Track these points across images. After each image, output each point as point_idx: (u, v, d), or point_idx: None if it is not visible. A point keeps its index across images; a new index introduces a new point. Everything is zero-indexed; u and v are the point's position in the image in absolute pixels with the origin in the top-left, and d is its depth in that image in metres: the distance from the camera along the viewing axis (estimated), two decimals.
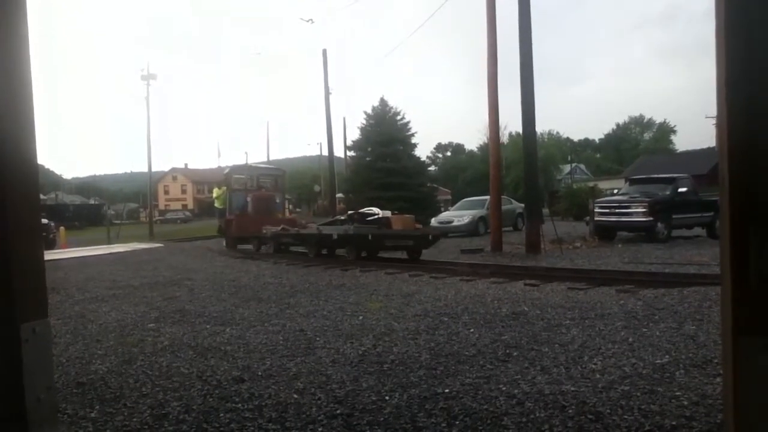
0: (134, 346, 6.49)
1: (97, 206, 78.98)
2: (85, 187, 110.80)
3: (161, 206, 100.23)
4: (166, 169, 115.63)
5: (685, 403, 4.05)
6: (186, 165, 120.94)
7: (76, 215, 68.80)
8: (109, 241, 32.58)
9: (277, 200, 24.87)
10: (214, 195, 25.49)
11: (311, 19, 44.10)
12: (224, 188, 24.71)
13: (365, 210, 17.81)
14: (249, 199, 23.18)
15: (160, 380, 5.11)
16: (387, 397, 4.44)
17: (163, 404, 4.46)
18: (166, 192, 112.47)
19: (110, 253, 22.86)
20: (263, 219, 21.42)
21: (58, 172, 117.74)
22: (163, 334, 7.04)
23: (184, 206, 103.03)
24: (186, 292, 10.74)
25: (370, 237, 15.16)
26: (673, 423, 3.69)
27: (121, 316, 8.34)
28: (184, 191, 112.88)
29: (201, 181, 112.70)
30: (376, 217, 16.78)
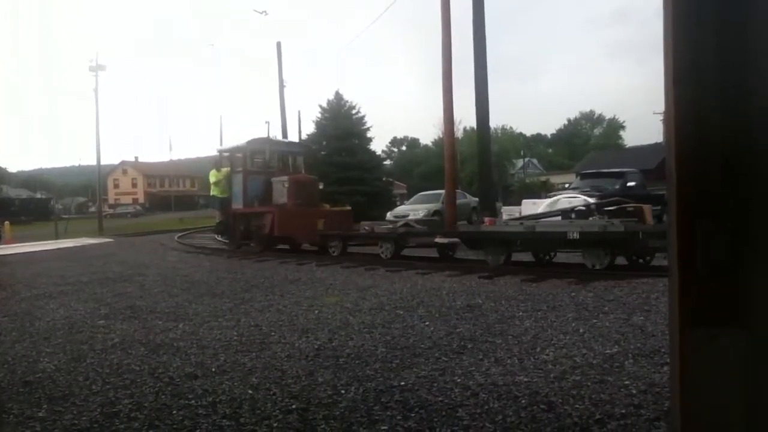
0: (83, 343, 6.35)
1: (44, 200, 76.71)
2: (32, 180, 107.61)
3: (111, 200, 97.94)
4: (116, 162, 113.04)
5: (634, 391, 4.16)
6: (136, 158, 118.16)
7: (22, 209, 66.73)
8: (57, 236, 31.69)
9: (321, 186, 18.98)
10: (212, 180, 18.50)
11: (265, 11, 43.58)
12: (225, 170, 18.37)
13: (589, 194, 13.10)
14: (286, 185, 16.87)
15: (111, 378, 5.01)
16: (343, 391, 4.44)
17: (113, 402, 4.38)
18: (116, 186, 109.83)
19: (58, 249, 22.29)
20: (313, 213, 16.69)
21: (2, 165, 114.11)
22: (114, 331, 6.90)
23: (135, 200, 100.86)
24: (137, 287, 10.54)
25: (641, 236, 10.18)
26: (623, 411, 3.79)
27: (69, 313, 8.14)
28: (134, 185, 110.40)
29: (152, 174, 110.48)
30: (622, 206, 12.26)
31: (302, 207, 16.63)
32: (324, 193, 38.54)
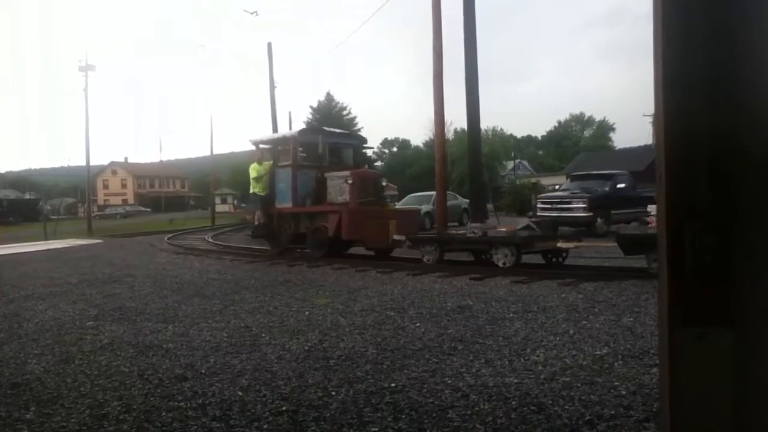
0: (72, 344, 6.31)
1: (32, 201, 76.17)
2: (20, 181, 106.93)
3: (100, 201, 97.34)
4: (105, 162, 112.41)
5: (624, 392, 4.17)
6: (126, 159, 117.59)
7: (11, 210, 66.35)
8: (45, 237, 31.47)
9: (385, 183, 16.32)
10: (253, 175, 15.74)
11: (256, 12, 43.52)
12: (268, 164, 15.79)
13: None
14: (349, 181, 14.42)
15: (100, 379, 4.98)
16: (333, 393, 4.43)
17: (102, 404, 4.35)
18: (106, 186, 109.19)
19: (47, 250, 22.12)
20: (384, 213, 14.81)
21: None
22: (103, 333, 6.86)
23: (125, 201, 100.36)
24: (126, 289, 10.49)
25: None
26: (612, 412, 3.80)
27: (58, 315, 8.09)
28: (124, 186, 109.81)
29: (142, 175, 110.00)
30: None
31: (372, 207, 14.64)
32: None
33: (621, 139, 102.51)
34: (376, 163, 58.01)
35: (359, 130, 43.02)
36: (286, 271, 12.34)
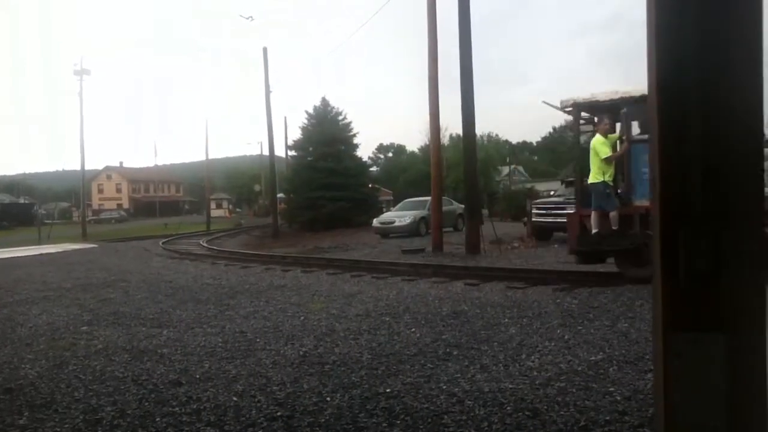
0: (66, 349, 6.29)
1: (27, 205, 76.01)
2: (15, 185, 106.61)
3: (95, 206, 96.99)
4: (100, 167, 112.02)
5: (618, 398, 4.18)
6: (121, 163, 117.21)
7: (5, 215, 66.15)
8: (39, 242, 31.41)
9: None
10: (603, 152, 9.55)
11: (251, 17, 43.59)
12: (614, 137, 10.05)
13: None
14: None
15: (94, 384, 4.96)
16: (328, 398, 4.42)
17: (96, 409, 4.34)
18: (100, 191, 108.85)
19: (41, 254, 22.06)
20: None
21: None
22: (97, 337, 6.84)
23: (119, 206, 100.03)
24: (121, 293, 10.46)
25: None
26: (607, 418, 3.80)
27: (52, 319, 8.06)
28: (119, 190, 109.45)
29: (137, 180, 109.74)
30: None
31: None
32: (310, 198, 38.41)
33: None
34: (371, 168, 57.93)
35: (354, 135, 42.93)
36: (281, 276, 12.32)
